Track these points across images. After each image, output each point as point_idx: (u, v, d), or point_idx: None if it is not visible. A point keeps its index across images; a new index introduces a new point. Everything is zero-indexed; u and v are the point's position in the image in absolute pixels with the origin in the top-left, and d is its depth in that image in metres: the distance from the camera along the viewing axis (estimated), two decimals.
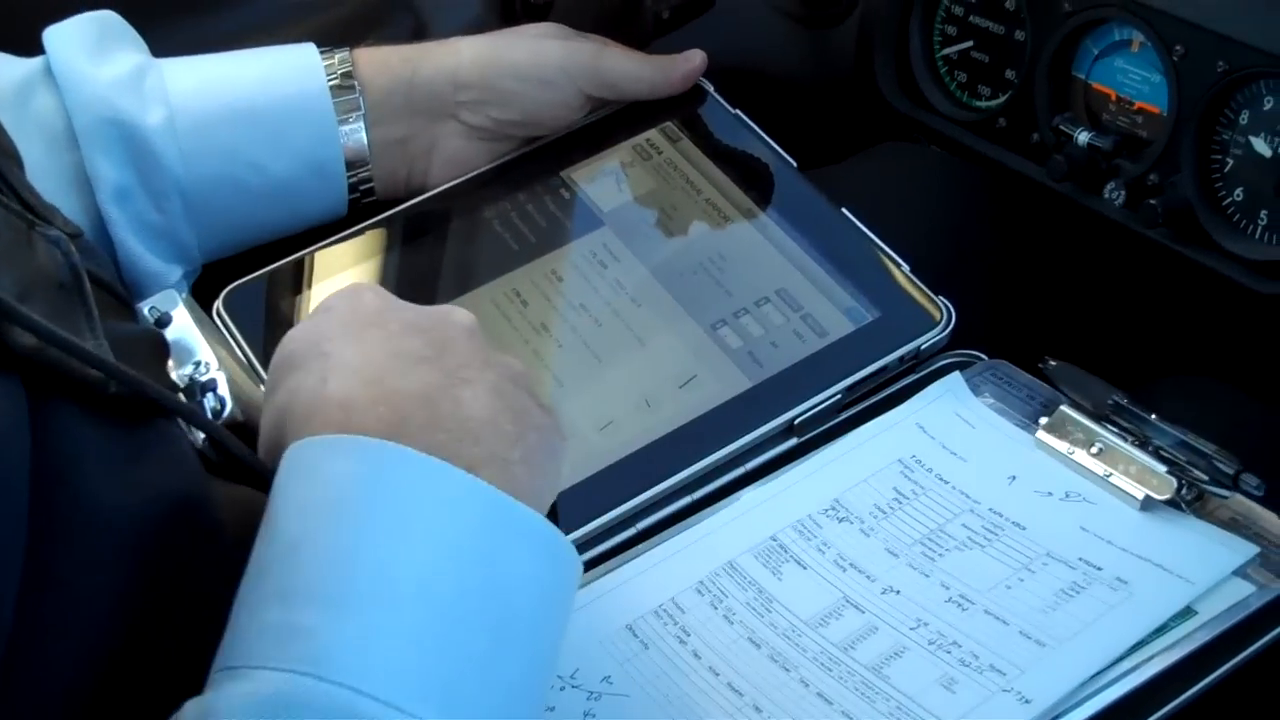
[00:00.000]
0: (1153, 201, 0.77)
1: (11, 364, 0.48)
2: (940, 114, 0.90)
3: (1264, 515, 0.65)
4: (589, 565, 0.69)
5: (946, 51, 0.89)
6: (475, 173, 0.87)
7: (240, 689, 0.47)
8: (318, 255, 0.84)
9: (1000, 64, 0.86)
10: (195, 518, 0.54)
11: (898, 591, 0.65)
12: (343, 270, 0.84)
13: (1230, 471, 0.65)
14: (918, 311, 0.77)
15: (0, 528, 0.46)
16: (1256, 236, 0.75)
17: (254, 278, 0.83)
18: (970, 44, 0.87)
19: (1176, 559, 0.64)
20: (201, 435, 0.61)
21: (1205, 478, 0.66)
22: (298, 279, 0.84)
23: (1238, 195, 0.75)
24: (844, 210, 0.82)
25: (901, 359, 0.76)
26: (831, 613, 0.65)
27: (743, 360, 0.77)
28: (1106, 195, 0.81)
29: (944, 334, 0.76)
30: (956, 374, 0.75)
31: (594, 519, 0.70)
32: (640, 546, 0.70)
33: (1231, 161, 0.75)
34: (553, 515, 0.70)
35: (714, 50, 0.87)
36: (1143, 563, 0.64)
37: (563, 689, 0.63)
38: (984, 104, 0.88)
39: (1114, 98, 0.80)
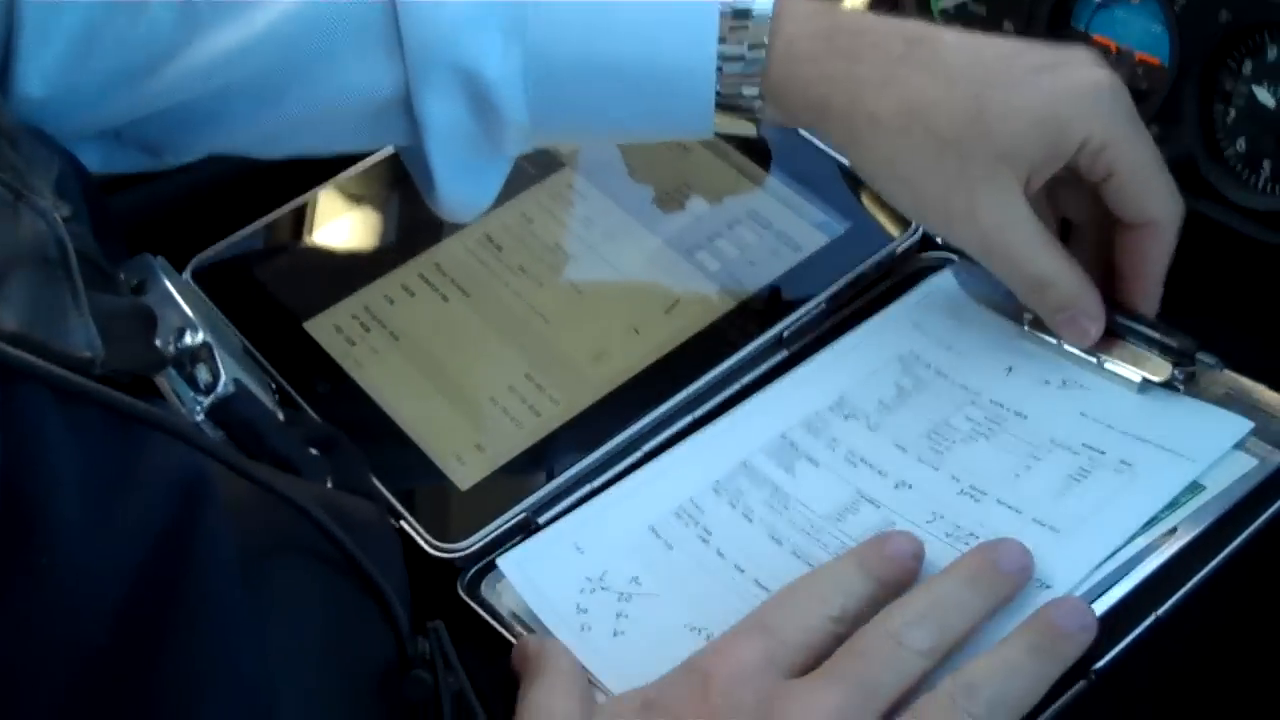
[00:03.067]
0: None
1: None
2: None
3: (1256, 388, 0.64)
4: (601, 490, 0.67)
5: (944, 5, 0.85)
6: None
7: None
8: (282, 219, 0.81)
9: (998, 16, 0.82)
10: (188, 544, 0.48)
11: (910, 486, 0.63)
12: (310, 232, 0.80)
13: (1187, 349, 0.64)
14: (887, 218, 0.75)
15: None
16: (1260, 188, 0.72)
17: (222, 247, 0.79)
18: None
19: (1176, 438, 0.62)
20: (199, 409, 0.57)
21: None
22: (266, 243, 0.80)
23: (1240, 146, 0.72)
24: (799, 130, 0.80)
25: (879, 264, 0.74)
26: (848, 508, 0.62)
27: (724, 280, 0.74)
28: None
29: (915, 237, 0.74)
30: (947, 271, 0.72)
31: (600, 445, 0.68)
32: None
33: (1234, 112, 0.72)
34: (562, 444, 0.69)
35: None
36: (1144, 444, 0.62)
37: (593, 591, 0.61)
38: None
39: (1115, 49, 0.77)
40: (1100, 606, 0.56)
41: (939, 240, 0.74)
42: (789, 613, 0.56)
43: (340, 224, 0.81)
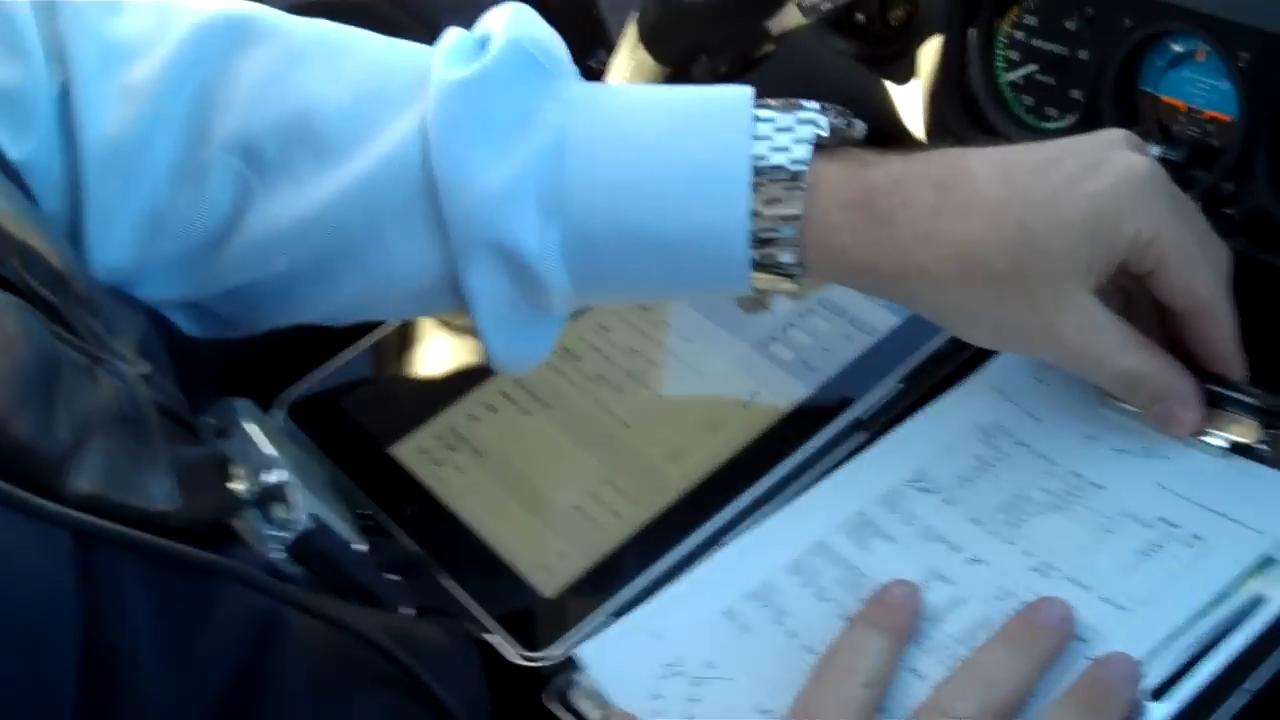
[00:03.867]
0: (1229, 211, 0.71)
1: (63, 518, 0.45)
2: (1008, 140, 0.82)
3: None
4: None
5: (1010, 76, 0.83)
6: None
7: None
8: (369, 349, 0.83)
9: (1066, 84, 0.81)
10: (261, 682, 0.51)
11: (982, 561, 0.61)
12: (396, 358, 0.82)
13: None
14: None
15: None
16: None
17: (312, 379, 0.81)
18: (1034, 67, 0.82)
19: (1249, 510, 0.60)
20: (279, 546, 0.58)
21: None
22: (354, 373, 0.82)
23: None
24: None
25: (951, 340, 0.73)
26: (920, 586, 0.61)
27: (798, 369, 0.74)
28: None
29: None
30: None
31: (681, 543, 0.68)
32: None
33: None
34: (643, 545, 0.69)
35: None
36: (1217, 517, 0.60)
37: (668, 678, 0.61)
38: (1053, 125, 0.82)
39: (1184, 109, 0.75)
40: (1177, 699, 0.55)
41: None
42: (827, 695, 0.56)
43: (423, 348, 0.82)
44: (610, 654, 0.63)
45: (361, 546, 0.64)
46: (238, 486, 0.60)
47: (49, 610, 0.44)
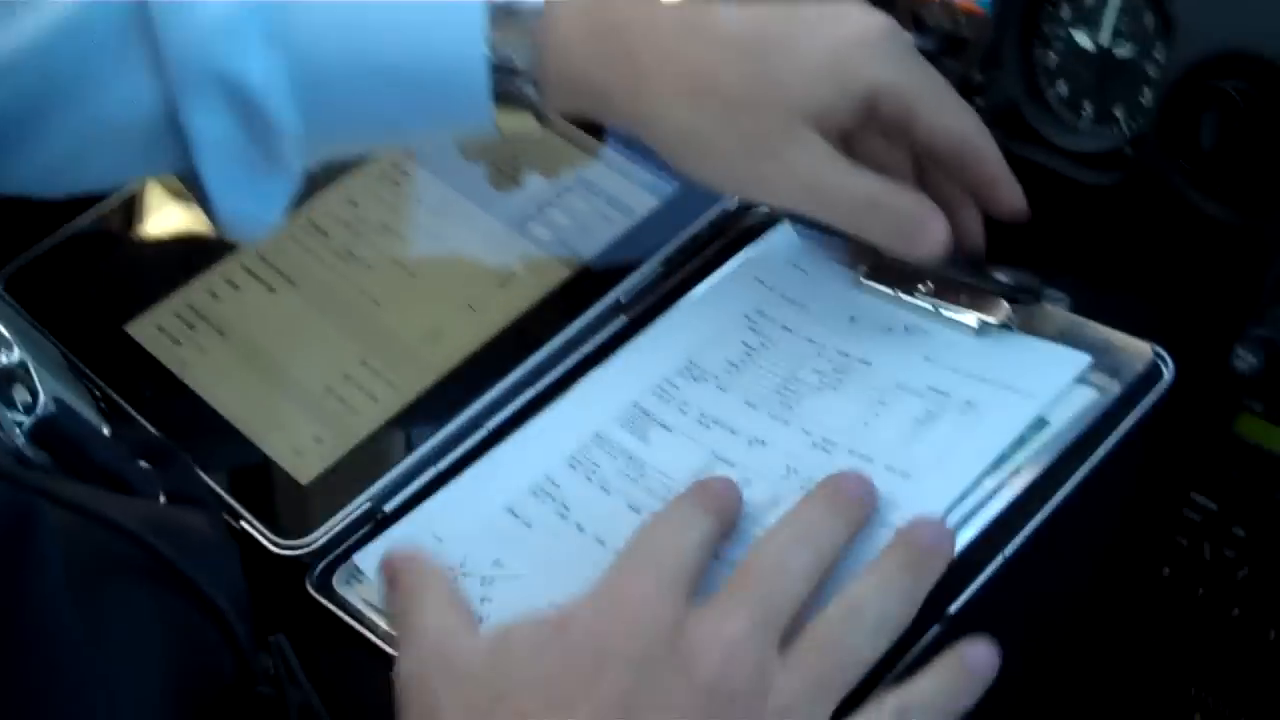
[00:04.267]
0: (978, 101, 0.72)
1: None
2: None
3: (1088, 324, 0.64)
4: (447, 473, 0.65)
5: None
6: None
7: None
8: (97, 219, 0.77)
9: None
10: (14, 576, 0.46)
11: (763, 443, 0.62)
12: (127, 230, 0.77)
13: (1034, 288, 0.64)
14: None
15: None
16: (1082, 130, 0.72)
17: (34, 252, 0.76)
18: None
19: (1017, 377, 0.62)
20: (19, 431, 0.54)
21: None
22: (81, 245, 0.76)
23: (1062, 90, 0.72)
24: None
25: (712, 223, 0.72)
26: (703, 470, 0.61)
27: (558, 250, 0.72)
28: None
29: None
30: (786, 224, 0.71)
31: (442, 427, 0.66)
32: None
33: (1055, 57, 0.72)
34: (402, 429, 0.67)
35: None
36: (987, 384, 0.62)
37: (454, 579, 0.58)
38: None
39: None
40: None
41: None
42: (664, 541, 0.54)
43: (158, 220, 0.77)
44: None
45: (107, 431, 0.60)
46: None
47: None
